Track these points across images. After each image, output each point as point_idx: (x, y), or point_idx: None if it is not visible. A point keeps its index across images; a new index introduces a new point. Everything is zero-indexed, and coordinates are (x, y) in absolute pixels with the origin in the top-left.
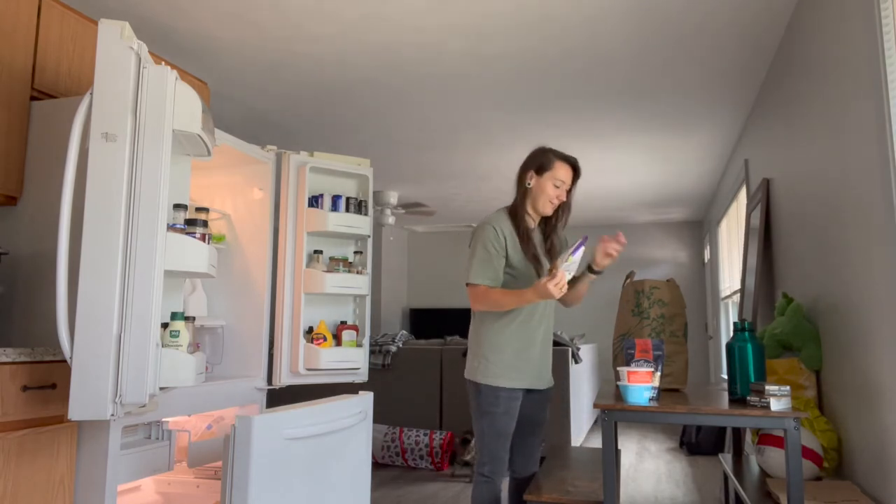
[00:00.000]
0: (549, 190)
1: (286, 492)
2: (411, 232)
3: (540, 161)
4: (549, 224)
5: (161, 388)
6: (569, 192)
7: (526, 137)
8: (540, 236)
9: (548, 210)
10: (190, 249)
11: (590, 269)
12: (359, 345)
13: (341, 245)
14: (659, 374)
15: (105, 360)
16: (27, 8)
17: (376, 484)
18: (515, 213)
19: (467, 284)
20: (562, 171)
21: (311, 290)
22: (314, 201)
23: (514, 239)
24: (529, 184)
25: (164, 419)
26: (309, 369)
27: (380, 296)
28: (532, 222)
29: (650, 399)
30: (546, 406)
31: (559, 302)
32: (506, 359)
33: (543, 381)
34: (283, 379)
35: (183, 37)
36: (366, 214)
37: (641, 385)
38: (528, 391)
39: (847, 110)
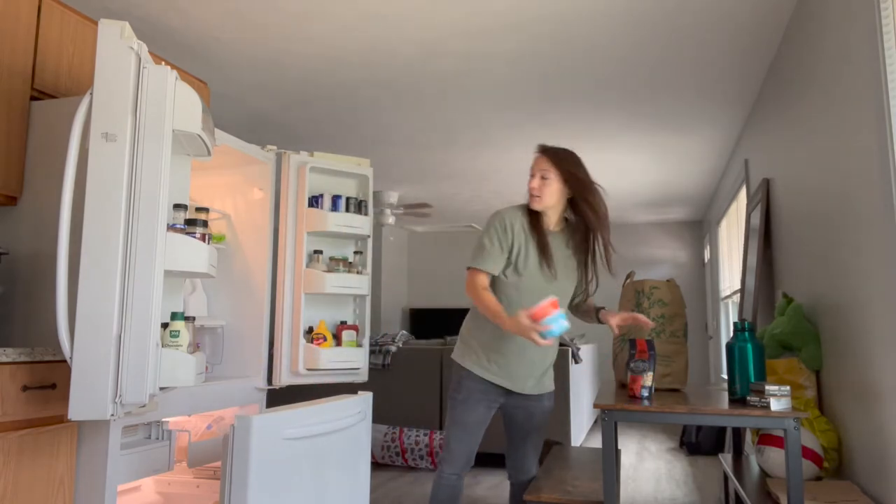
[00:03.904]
0: (529, 182)
1: (285, 492)
2: (411, 232)
3: None
4: (576, 234)
5: (161, 388)
6: (552, 178)
7: (525, 137)
8: (561, 242)
9: (533, 203)
10: (190, 249)
11: (597, 316)
12: (359, 345)
13: (341, 245)
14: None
15: (105, 360)
16: (27, 8)
17: (376, 484)
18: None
19: (467, 268)
20: (533, 161)
21: (311, 290)
22: (314, 201)
23: (526, 235)
24: None
25: (164, 419)
26: (309, 369)
27: (380, 296)
28: (546, 223)
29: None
30: (538, 415)
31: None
32: (482, 347)
33: (526, 386)
34: (283, 379)
35: (183, 37)
36: (366, 214)
37: (556, 314)
38: (510, 393)
39: (847, 110)
